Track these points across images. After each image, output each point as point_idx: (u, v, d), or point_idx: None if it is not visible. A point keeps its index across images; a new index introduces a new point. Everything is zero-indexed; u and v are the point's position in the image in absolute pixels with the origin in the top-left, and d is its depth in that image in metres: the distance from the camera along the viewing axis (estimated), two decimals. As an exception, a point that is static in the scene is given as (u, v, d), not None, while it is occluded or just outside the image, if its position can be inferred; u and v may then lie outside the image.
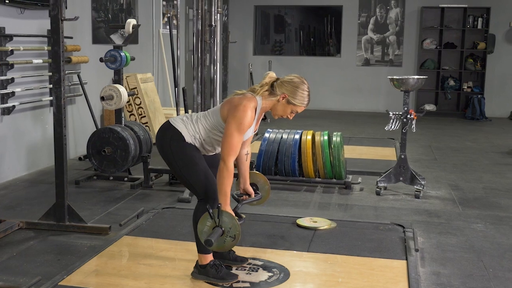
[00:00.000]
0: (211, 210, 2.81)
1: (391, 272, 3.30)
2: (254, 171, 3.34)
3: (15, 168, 5.45)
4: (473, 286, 3.15)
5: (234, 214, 2.85)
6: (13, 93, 5.25)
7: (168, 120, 3.08)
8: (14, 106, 5.29)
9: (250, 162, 4.92)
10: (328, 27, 11.46)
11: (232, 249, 3.30)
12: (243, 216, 3.08)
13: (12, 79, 5.24)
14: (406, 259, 3.45)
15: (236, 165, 3.14)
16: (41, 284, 2.99)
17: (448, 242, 3.84)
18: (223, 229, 2.80)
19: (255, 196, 3.26)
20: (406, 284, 3.10)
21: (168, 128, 3.04)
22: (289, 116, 3.06)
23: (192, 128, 3.00)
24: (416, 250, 3.58)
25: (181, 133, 2.99)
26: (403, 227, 4.03)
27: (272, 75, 3.06)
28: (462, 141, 8.01)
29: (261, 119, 3.11)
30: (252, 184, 3.30)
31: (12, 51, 5.16)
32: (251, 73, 10.47)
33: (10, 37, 5.18)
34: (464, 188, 5.37)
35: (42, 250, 3.57)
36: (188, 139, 2.99)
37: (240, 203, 3.19)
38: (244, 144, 3.11)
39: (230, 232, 2.81)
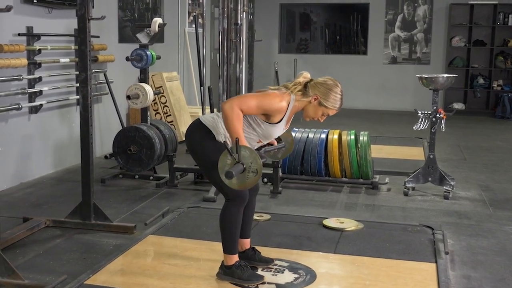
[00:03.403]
0: (229, 146, 2.73)
1: (419, 275, 3.22)
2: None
3: (42, 166, 5.51)
4: (506, 291, 3.07)
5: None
6: (40, 92, 5.30)
7: (198, 118, 3.04)
8: (41, 105, 5.34)
9: (276, 161, 4.89)
10: (354, 25, 11.34)
11: (258, 250, 3.27)
12: (265, 156, 3.01)
13: (40, 78, 5.28)
14: (436, 262, 3.37)
15: None
16: (67, 282, 2.99)
17: (479, 245, 3.75)
18: (244, 165, 2.69)
19: (278, 144, 3.19)
20: (435, 288, 3.03)
21: (198, 126, 3.01)
22: (320, 118, 3.00)
23: (222, 126, 2.96)
24: (446, 253, 3.50)
25: (211, 132, 2.95)
26: (432, 229, 3.94)
27: (307, 75, 3.00)
28: (492, 141, 7.84)
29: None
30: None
31: (39, 50, 5.20)
32: (276, 72, 10.42)
33: (38, 37, 5.22)
34: (495, 189, 5.24)
35: (68, 249, 3.59)
36: (218, 137, 2.96)
37: (263, 150, 3.09)
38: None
39: (252, 167, 2.68)
